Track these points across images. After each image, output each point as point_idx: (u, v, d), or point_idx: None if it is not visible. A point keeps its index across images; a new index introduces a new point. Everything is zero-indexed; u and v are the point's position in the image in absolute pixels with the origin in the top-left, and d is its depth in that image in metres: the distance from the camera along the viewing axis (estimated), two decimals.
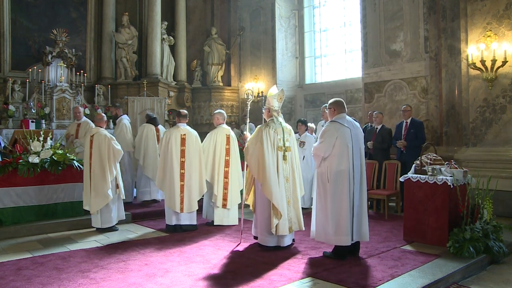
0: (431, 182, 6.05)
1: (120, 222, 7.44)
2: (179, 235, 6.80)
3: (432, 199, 6.04)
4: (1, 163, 7.08)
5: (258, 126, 6.06)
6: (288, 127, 6.19)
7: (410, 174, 6.39)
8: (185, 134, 7.23)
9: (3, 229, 6.83)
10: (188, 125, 7.55)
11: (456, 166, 6.22)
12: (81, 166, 7.61)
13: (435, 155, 6.58)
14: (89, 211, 7.11)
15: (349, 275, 4.79)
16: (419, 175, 6.22)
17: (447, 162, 6.40)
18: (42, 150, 7.41)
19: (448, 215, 5.88)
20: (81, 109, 9.94)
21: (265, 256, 5.58)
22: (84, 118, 9.62)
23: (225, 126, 7.76)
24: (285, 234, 5.84)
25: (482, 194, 5.97)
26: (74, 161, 7.66)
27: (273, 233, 5.76)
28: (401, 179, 6.55)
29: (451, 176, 5.96)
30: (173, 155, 7.11)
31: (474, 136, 8.78)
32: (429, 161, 6.40)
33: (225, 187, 7.53)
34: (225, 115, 7.91)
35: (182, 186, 7.12)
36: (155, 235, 6.92)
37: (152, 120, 9.48)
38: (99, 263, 5.30)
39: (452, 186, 5.86)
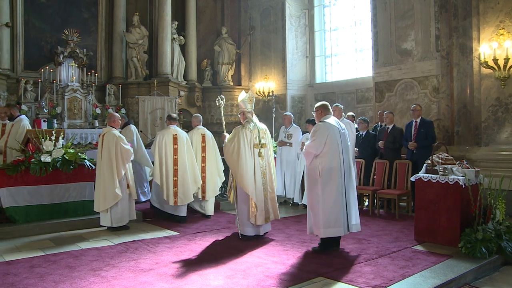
0: (442, 182, 6.01)
1: (131, 221, 7.49)
2: (190, 235, 6.82)
3: (443, 199, 6.00)
4: (14, 162, 7.16)
5: (235, 128, 6.65)
6: (262, 127, 6.79)
7: (421, 174, 6.35)
8: (176, 134, 7.96)
9: (17, 227, 6.91)
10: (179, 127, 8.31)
11: (468, 165, 6.17)
12: (92, 166, 7.67)
13: (446, 154, 6.53)
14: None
15: (359, 275, 4.78)
16: (430, 175, 6.19)
17: (458, 161, 6.36)
18: (54, 149, 7.47)
19: (460, 215, 5.84)
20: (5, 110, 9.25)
21: (276, 255, 5.59)
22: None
23: (200, 127, 8.64)
24: (261, 224, 6.45)
25: (495, 194, 5.93)
26: (86, 161, 7.71)
27: (253, 223, 6.38)
28: (412, 178, 6.52)
29: (462, 176, 5.92)
30: (167, 153, 7.82)
31: (486, 135, 8.70)
32: (440, 160, 6.35)
33: (203, 181, 8.26)
34: (201, 118, 8.95)
35: (175, 181, 7.78)
36: (166, 234, 6.95)
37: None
38: (110, 262, 5.34)
39: (464, 186, 5.82)
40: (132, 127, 9.30)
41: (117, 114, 7.76)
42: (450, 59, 9.58)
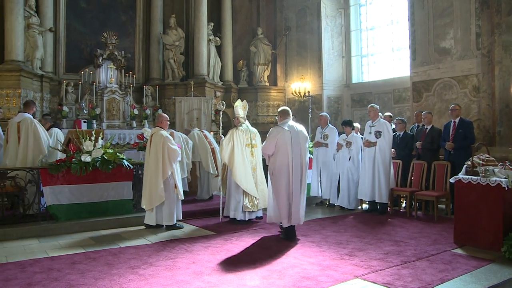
0: (483, 184, 5.84)
1: None
2: (226, 234, 6.87)
3: (484, 202, 5.83)
4: (57, 162, 7.38)
5: (230, 130, 7.78)
6: (253, 130, 7.97)
7: (461, 175, 6.19)
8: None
9: (59, 224, 7.12)
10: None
11: (511, 167, 5.97)
12: (130, 166, 7.82)
13: (487, 155, 6.33)
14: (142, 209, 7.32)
15: (397, 278, 4.70)
16: (470, 176, 6.02)
17: (501, 163, 6.15)
18: (93, 149, 7.66)
19: (502, 218, 5.65)
20: None
21: (312, 256, 5.57)
22: None
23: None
24: (253, 210, 7.60)
25: None
26: (124, 161, 7.86)
27: (245, 210, 7.52)
28: (452, 180, 6.35)
29: (505, 178, 5.72)
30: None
31: None
32: (481, 161, 6.16)
33: None
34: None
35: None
36: (203, 233, 7.02)
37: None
38: (148, 260, 5.43)
39: (506, 188, 5.63)
40: (55, 130, 8.84)
41: (165, 115, 7.81)
42: (491, 57, 9.30)
